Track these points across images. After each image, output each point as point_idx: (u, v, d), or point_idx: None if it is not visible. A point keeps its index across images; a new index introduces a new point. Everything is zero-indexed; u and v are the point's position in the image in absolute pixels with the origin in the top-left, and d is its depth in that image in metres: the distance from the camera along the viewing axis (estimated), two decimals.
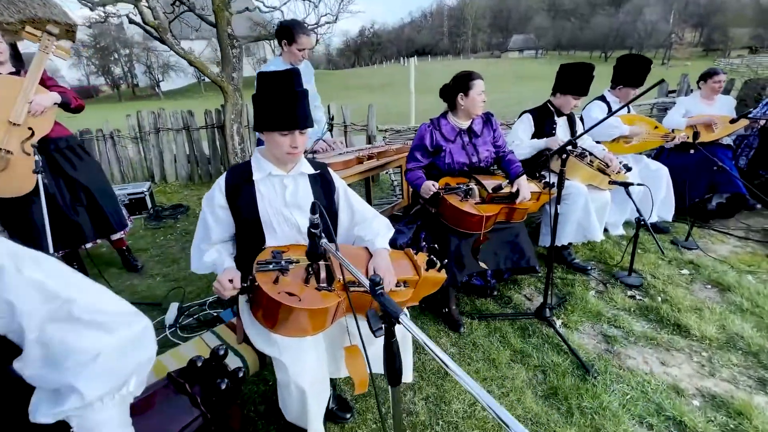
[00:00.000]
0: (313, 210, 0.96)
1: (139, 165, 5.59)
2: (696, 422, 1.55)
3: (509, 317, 2.24)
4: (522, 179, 2.14)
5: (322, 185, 1.49)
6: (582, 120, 3.17)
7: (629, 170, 2.80)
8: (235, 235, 1.41)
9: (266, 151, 1.40)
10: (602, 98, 3.14)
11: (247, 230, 1.37)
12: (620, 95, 3.07)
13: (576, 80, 2.52)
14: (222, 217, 1.37)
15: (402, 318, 0.73)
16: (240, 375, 1.20)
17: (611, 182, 2.64)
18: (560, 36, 58.71)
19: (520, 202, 2.12)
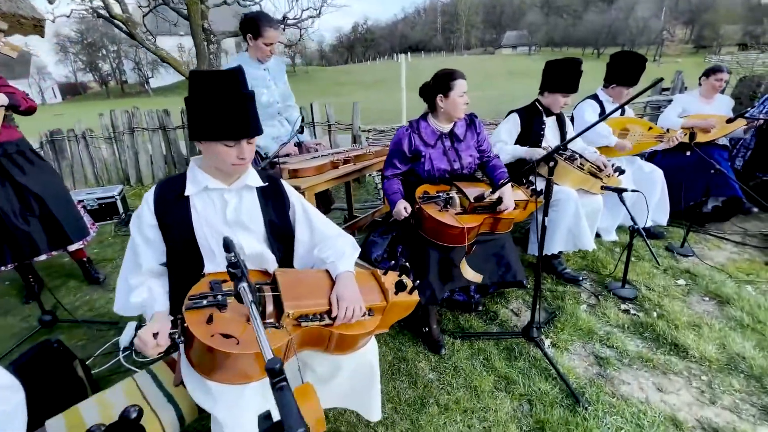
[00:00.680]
0: (227, 248, 0.77)
1: (114, 167, 5.33)
2: None
3: (494, 336, 2.07)
4: (506, 187, 1.96)
5: (274, 200, 1.30)
6: (573, 120, 3.00)
7: (622, 173, 2.64)
8: (168, 263, 1.20)
9: (205, 162, 1.20)
10: (595, 97, 2.97)
11: (182, 255, 1.17)
12: (613, 94, 2.90)
13: (564, 77, 2.34)
14: (153, 239, 1.17)
15: None
16: None
17: (603, 188, 2.48)
18: (553, 32, 58.75)
19: (502, 212, 1.94)
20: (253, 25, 2.24)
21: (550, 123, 2.59)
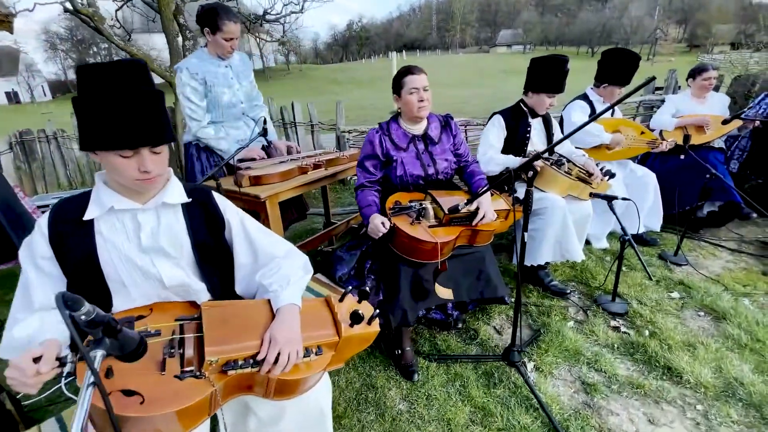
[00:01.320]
0: (70, 307, 0.58)
1: (87, 168, 5.11)
2: None
3: (472, 359, 1.89)
4: (485, 196, 1.78)
5: (204, 219, 1.10)
6: (561, 122, 2.84)
7: (613, 177, 2.48)
8: None
9: (110, 177, 1.01)
10: (584, 97, 2.81)
11: (85, 291, 0.97)
12: (604, 94, 2.74)
13: (548, 76, 2.17)
14: (48, 272, 0.97)
15: None
16: None
17: (593, 195, 2.31)
18: (548, 31, 58.82)
19: (478, 224, 1.76)
20: (211, 19, 2.04)
21: (536, 125, 2.42)
